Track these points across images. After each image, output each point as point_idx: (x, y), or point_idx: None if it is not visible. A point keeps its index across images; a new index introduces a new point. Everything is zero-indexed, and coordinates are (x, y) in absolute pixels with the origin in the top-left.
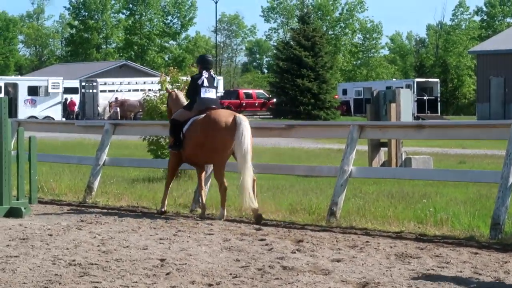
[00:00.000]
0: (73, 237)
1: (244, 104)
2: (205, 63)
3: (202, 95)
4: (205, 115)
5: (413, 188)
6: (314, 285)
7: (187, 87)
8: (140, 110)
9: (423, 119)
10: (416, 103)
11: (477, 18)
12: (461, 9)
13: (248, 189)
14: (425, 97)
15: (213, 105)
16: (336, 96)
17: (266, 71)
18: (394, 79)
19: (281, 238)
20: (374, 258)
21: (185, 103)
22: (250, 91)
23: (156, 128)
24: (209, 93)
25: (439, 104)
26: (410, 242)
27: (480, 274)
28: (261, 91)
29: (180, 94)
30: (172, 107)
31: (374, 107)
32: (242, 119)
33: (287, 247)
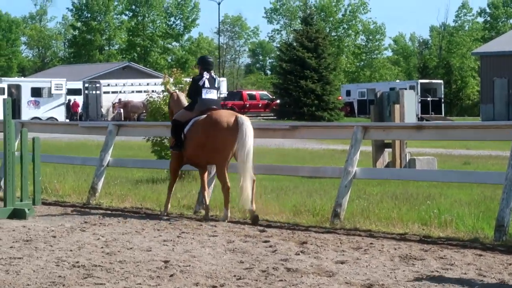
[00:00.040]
0: (77, 239)
1: (248, 105)
2: (206, 64)
3: (203, 96)
4: (206, 116)
5: (417, 190)
6: (318, 287)
7: (188, 88)
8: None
9: (427, 120)
10: (420, 104)
11: (480, 20)
12: (464, 11)
13: (248, 190)
14: (429, 98)
15: (214, 106)
16: (340, 98)
17: (269, 73)
18: (398, 81)
19: (285, 240)
20: (378, 260)
21: (186, 104)
22: (254, 93)
23: (160, 129)
24: (210, 94)
25: (443, 105)
26: (414, 244)
27: (485, 276)
28: (265, 93)
29: (182, 95)
30: (173, 108)
31: (378, 108)
32: (244, 120)
33: (291, 249)
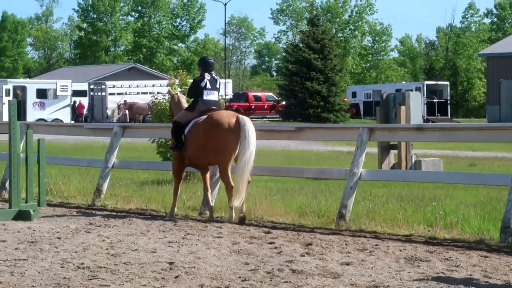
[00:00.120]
0: (82, 240)
1: (253, 107)
2: (207, 65)
3: (205, 98)
4: (207, 116)
5: (423, 191)
6: None
7: (188, 88)
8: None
9: (433, 122)
10: (426, 106)
11: (487, 21)
12: (471, 12)
13: (243, 191)
14: (435, 100)
15: (214, 107)
16: (346, 99)
17: (275, 74)
18: (404, 82)
19: (290, 241)
20: (384, 262)
21: (186, 106)
22: (259, 94)
23: (165, 131)
24: (211, 95)
25: (449, 107)
26: (420, 245)
27: (490, 278)
28: (270, 94)
29: (182, 97)
30: (174, 110)
31: (384, 110)
32: (246, 120)
33: (296, 250)
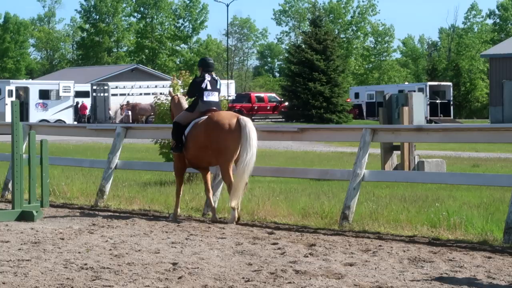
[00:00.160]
0: (85, 241)
1: (256, 108)
2: (207, 66)
3: (205, 98)
4: (208, 117)
5: (426, 192)
6: None
7: (188, 88)
8: (152, 114)
9: (436, 123)
10: (429, 107)
11: (490, 21)
12: (474, 12)
13: (240, 190)
14: (438, 101)
15: (215, 108)
16: (348, 100)
17: (278, 75)
18: (407, 83)
19: (294, 242)
20: (387, 262)
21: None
22: (262, 95)
23: (168, 132)
24: (212, 96)
25: (452, 108)
26: (423, 246)
27: (494, 279)
28: (273, 95)
29: (182, 98)
30: (174, 111)
31: (387, 111)
32: (247, 121)
33: (300, 251)
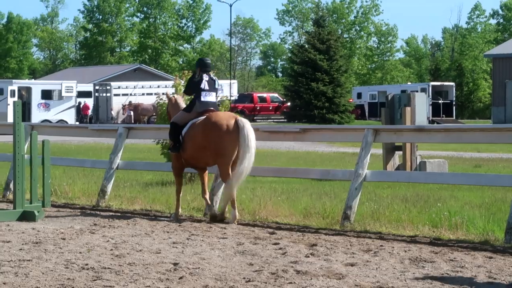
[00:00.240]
0: (86, 241)
1: (259, 108)
2: (205, 66)
3: (202, 99)
4: (205, 118)
5: (428, 192)
6: None
7: (186, 85)
8: (154, 114)
9: (438, 123)
10: (431, 107)
11: (493, 21)
12: (477, 12)
13: (234, 190)
14: (440, 101)
15: (212, 108)
16: (351, 100)
17: (281, 75)
18: (409, 83)
19: (295, 242)
20: (388, 262)
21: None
22: (265, 95)
23: None
24: (209, 97)
25: (454, 108)
26: (425, 246)
27: (495, 279)
28: (276, 95)
29: (179, 99)
30: (171, 112)
31: (389, 111)
32: (245, 122)
33: (301, 251)
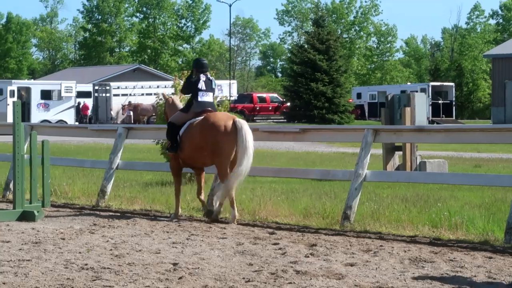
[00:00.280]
0: (86, 241)
1: (258, 108)
2: (201, 67)
3: (200, 99)
4: (203, 118)
5: (428, 192)
6: None
7: (183, 84)
8: (154, 114)
9: (438, 123)
10: (431, 107)
11: (493, 22)
12: (477, 13)
13: (233, 190)
14: (440, 101)
15: (210, 108)
16: (350, 100)
17: (280, 75)
18: (409, 83)
19: (295, 242)
20: (388, 263)
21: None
22: (264, 95)
23: None
24: (206, 97)
25: (454, 108)
26: (424, 246)
27: (495, 279)
28: (275, 95)
29: (176, 99)
30: (169, 113)
31: (389, 111)
32: (243, 123)
33: (301, 251)
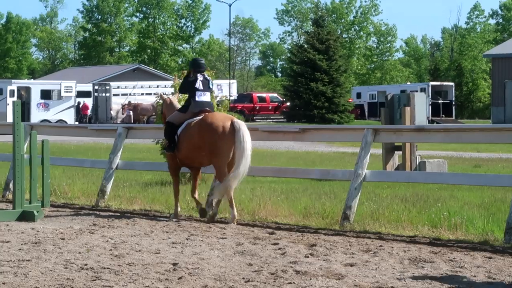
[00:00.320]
0: (86, 241)
1: (258, 108)
2: (198, 67)
3: (197, 99)
4: (201, 119)
5: (427, 192)
6: None
7: (180, 85)
8: (153, 114)
9: (438, 123)
10: (431, 107)
11: (492, 21)
12: (476, 12)
13: (231, 191)
14: (440, 101)
15: (207, 108)
16: (350, 100)
17: (280, 75)
18: (409, 83)
19: (294, 242)
20: (388, 263)
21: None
22: (264, 95)
23: None
24: (204, 97)
25: (454, 108)
26: (424, 247)
27: (494, 279)
28: (275, 95)
29: (174, 99)
30: (166, 113)
31: (389, 111)
32: (241, 124)
33: (300, 251)
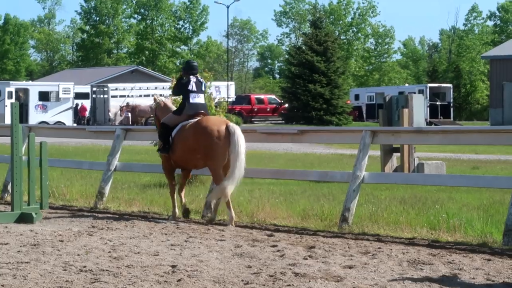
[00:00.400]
0: (84, 243)
1: (256, 110)
2: (191, 69)
3: (191, 101)
4: (196, 122)
5: (426, 194)
6: None
7: (173, 87)
8: (151, 116)
9: (436, 125)
10: (429, 109)
11: (490, 23)
12: (474, 14)
13: (228, 195)
14: (438, 103)
15: (202, 110)
16: (348, 102)
17: (278, 76)
18: (407, 84)
19: (293, 244)
20: (386, 265)
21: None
22: (262, 97)
23: None
24: (198, 98)
25: (452, 110)
26: (423, 249)
27: (493, 281)
28: (273, 97)
29: (168, 102)
30: (160, 116)
31: (387, 113)
32: (235, 128)
33: (299, 254)
